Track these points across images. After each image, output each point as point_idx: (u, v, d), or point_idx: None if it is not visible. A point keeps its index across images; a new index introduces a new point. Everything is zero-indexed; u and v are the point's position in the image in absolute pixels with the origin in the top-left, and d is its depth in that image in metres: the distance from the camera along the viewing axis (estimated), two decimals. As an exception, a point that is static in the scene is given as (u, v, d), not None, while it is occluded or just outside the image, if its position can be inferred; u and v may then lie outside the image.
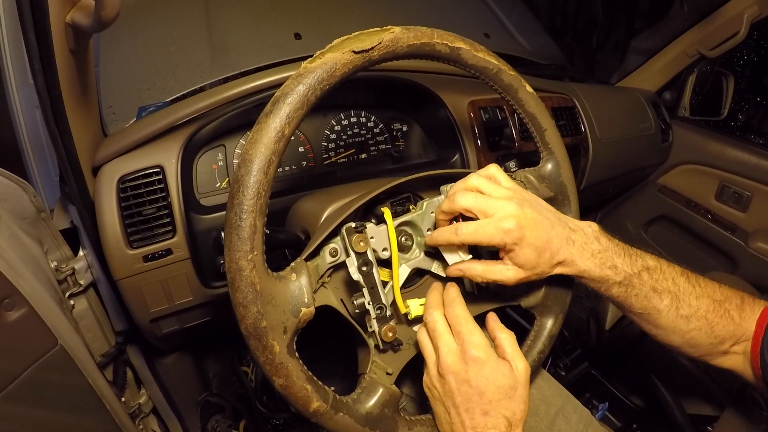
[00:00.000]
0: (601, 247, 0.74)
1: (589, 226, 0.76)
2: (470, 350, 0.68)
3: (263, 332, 0.59)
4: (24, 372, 0.81)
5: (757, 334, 0.78)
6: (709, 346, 0.80)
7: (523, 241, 0.69)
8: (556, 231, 0.71)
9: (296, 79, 0.60)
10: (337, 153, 1.25)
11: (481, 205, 0.71)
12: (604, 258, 0.73)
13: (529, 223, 0.69)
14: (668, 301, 0.76)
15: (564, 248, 0.72)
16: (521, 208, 0.70)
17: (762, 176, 1.92)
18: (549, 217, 0.73)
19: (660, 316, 0.77)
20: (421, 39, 0.68)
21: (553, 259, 0.71)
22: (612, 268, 0.73)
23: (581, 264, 0.73)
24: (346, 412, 0.66)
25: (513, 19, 1.99)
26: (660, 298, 0.76)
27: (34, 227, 1.04)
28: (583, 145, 1.66)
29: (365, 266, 0.68)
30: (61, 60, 0.78)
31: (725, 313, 0.78)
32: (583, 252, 0.73)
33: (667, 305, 0.76)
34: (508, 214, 0.69)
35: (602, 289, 0.76)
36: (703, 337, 0.78)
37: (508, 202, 0.70)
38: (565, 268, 0.73)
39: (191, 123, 1.01)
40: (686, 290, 0.77)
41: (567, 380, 1.55)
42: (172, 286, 1.00)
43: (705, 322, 0.77)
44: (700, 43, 1.99)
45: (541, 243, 0.70)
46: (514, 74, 0.79)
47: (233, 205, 0.57)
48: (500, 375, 0.67)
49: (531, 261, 0.70)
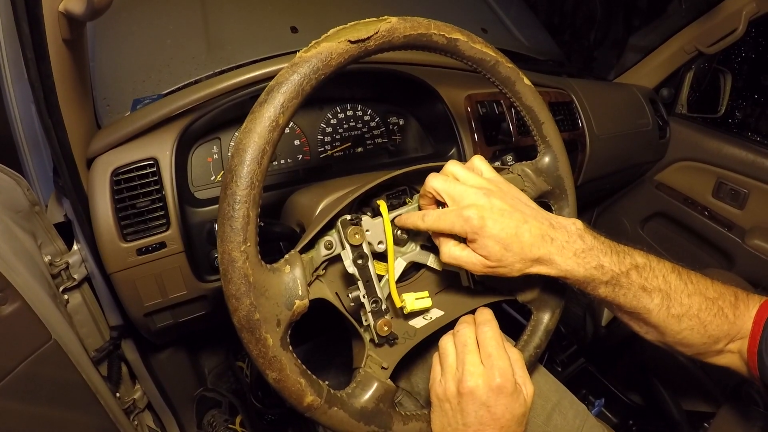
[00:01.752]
0: (585, 246, 0.71)
1: (573, 223, 0.73)
2: (497, 377, 0.67)
3: (256, 325, 0.58)
4: (17, 367, 0.80)
5: (755, 332, 0.75)
6: (702, 345, 0.78)
7: (483, 232, 0.67)
8: (530, 225, 0.69)
9: (291, 68, 0.59)
10: (333, 146, 1.24)
11: (449, 189, 0.70)
12: (588, 257, 0.70)
13: (493, 215, 0.67)
14: (659, 299, 0.73)
15: (539, 245, 0.69)
16: (488, 198, 0.68)
17: (759, 173, 1.93)
18: (523, 210, 0.70)
19: (650, 315, 0.74)
20: (418, 29, 0.67)
21: (524, 254, 0.68)
22: (598, 267, 0.70)
23: (562, 263, 0.70)
24: (340, 406, 0.66)
25: (511, 14, 1.99)
26: (650, 297, 0.73)
27: (28, 221, 1.03)
28: (581, 140, 1.66)
29: (360, 259, 0.68)
30: (54, 50, 0.77)
31: (719, 311, 0.76)
32: (563, 251, 0.70)
33: (657, 304, 0.74)
34: (471, 203, 0.68)
35: (588, 289, 0.73)
36: (696, 336, 0.76)
37: (475, 191, 0.69)
38: (543, 267, 0.70)
39: (186, 115, 1.00)
40: (677, 288, 0.75)
41: (563, 376, 1.55)
42: (166, 280, 1.00)
43: (697, 321, 0.75)
44: (698, 40, 1.99)
45: (506, 236, 0.67)
46: (511, 66, 0.78)
47: (226, 195, 0.57)
48: (518, 404, 0.67)
49: (495, 254, 0.68)
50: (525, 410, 0.68)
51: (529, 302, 0.88)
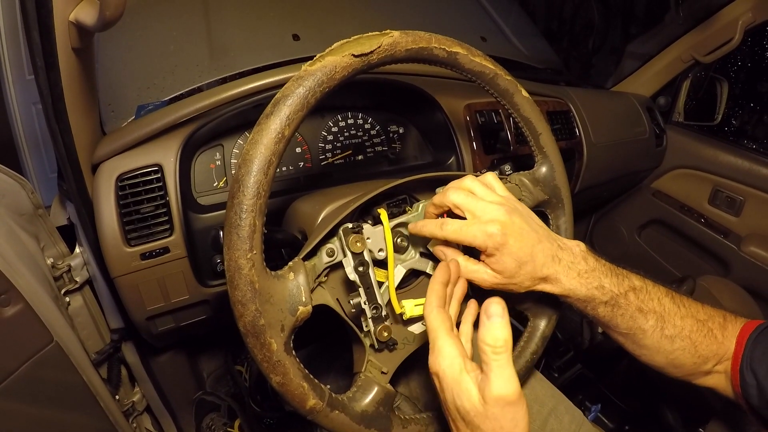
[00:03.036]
0: (588, 267, 0.74)
1: (578, 245, 0.76)
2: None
3: (261, 330, 0.60)
4: (19, 368, 0.81)
5: (737, 352, 0.78)
6: (692, 366, 0.80)
7: (504, 248, 0.69)
8: (543, 246, 0.72)
9: (296, 82, 0.60)
10: (334, 154, 1.26)
11: (471, 204, 0.71)
12: (591, 278, 0.73)
13: (515, 232, 0.70)
14: (653, 321, 0.76)
15: (549, 264, 0.72)
16: (509, 216, 0.70)
17: (755, 181, 1.94)
18: (537, 230, 0.73)
19: (645, 336, 0.77)
20: (419, 43, 0.69)
21: (535, 273, 0.72)
22: (599, 288, 0.73)
23: (566, 283, 0.73)
24: (341, 410, 0.67)
25: (510, 23, 2.00)
26: (645, 318, 0.76)
27: (31, 224, 1.04)
28: (578, 148, 1.67)
29: (361, 266, 0.69)
30: (64, 58, 0.78)
31: (708, 332, 0.78)
32: (569, 271, 0.73)
33: (652, 325, 0.76)
34: (494, 218, 0.70)
35: (588, 308, 0.76)
36: (687, 356, 0.78)
37: (497, 207, 0.71)
38: (549, 286, 0.73)
39: (190, 123, 1.01)
40: (671, 310, 0.77)
41: (560, 382, 1.56)
42: (168, 284, 1.01)
43: (689, 341, 0.77)
44: (695, 49, 2.01)
45: (523, 254, 0.70)
46: (510, 79, 0.80)
47: (233, 204, 0.58)
48: (525, 419, 0.64)
49: (509, 270, 0.71)
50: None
51: (526, 309, 0.89)
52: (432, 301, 0.68)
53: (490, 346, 0.56)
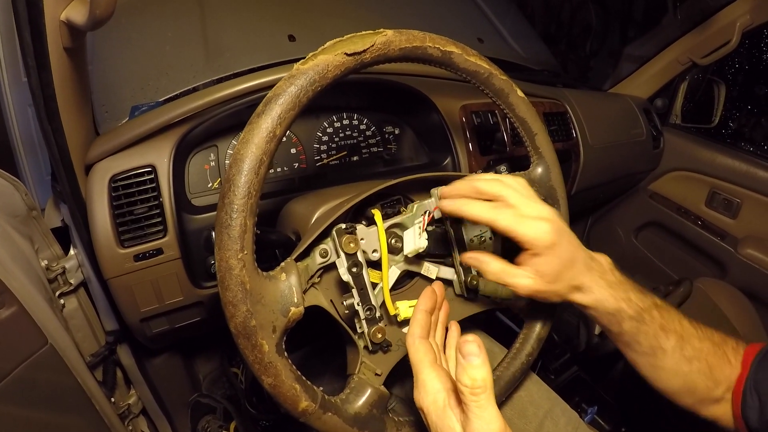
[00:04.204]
0: (615, 279, 0.73)
1: (605, 258, 0.75)
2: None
3: (252, 331, 0.59)
4: (13, 371, 0.81)
5: (741, 375, 0.77)
6: (705, 390, 0.78)
7: (555, 249, 0.67)
8: (580, 253, 0.71)
9: (288, 81, 0.60)
10: (329, 155, 1.25)
11: (515, 198, 0.69)
12: (619, 290, 0.72)
13: (565, 234, 0.69)
14: (674, 341, 0.75)
15: (585, 273, 0.71)
16: (556, 215, 0.69)
17: (752, 183, 1.94)
18: (576, 238, 0.72)
19: (665, 356, 0.76)
20: (413, 42, 0.68)
21: (573, 279, 0.70)
22: (626, 300, 0.72)
23: (598, 293, 0.71)
24: (334, 412, 0.67)
25: (507, 24, 2.00)
26: (667, 338, 0.75)
27: (26, 225, 1.03)
28: (575, 150, 1.67)
29: (355, 267, 0.69)
30: (56, 58, 0.78)
31: (723, 355, 0.77)
32: (600, 281, 0.72)
33: (672, 345, 0.75)
34: (544, 216, 0.68)
35: (613, 324, 0.74)
36: (702, 380, 0.77)
37: (543, 205, 0.70)
38: (580, 295, 0.72)
39: (184, 123, 1.01)
40: (690, 332, 0.77)
41: (556, 384, 1.56)
42: (162, 286, 1.00)
43: (705, 363, 0.76)
44: (692, 51, 2.01)
45: (568, 258, 0.69)
46: (505, 78, 0.80)
47: (224, 204, 0.58)
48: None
49: (554, 273, 0.68)
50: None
51: (521, 311, 0.89)
52: (415, 331, 0.67)
53: (468, 387, 0.54)
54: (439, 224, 0.82)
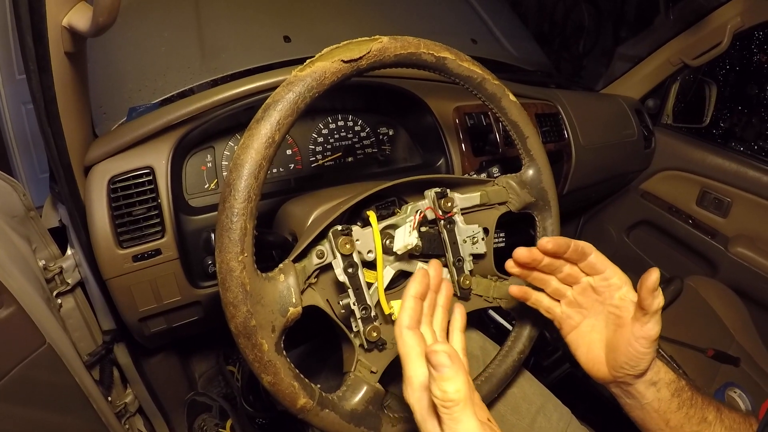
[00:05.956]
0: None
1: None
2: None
3: (252, 331, 0.61)
4: (11, 370, 0.81)
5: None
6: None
7: None
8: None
9: (286, 87, 0.62)
10: (325, 156, 1.27)
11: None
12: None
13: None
14: (714, 411, 0.74)
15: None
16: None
17: (742, 183, 1.96)
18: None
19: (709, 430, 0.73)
20: (408, 49, 0.70)
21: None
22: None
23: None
24: (331, 408, 0.68)
25: (500, 25, 2.01)
26: (709, 407, 0.74)
27: (23, 225, 1.04)
28: (566, 150, 1.69)
29: (351, 268, 0.70)
30: (57, 62, 0.79)
31: (749, 426, 0.75)
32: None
33: (714, 415, 0.74)
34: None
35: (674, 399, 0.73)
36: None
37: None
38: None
39: (181, 125, 1.02)
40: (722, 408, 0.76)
41: (549, 381, 1.57)
42: (160, 286, 1.01)
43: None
44: (684, 52, 2.03)
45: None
46: (497, 83, 0.81)
47: (225, 208, 0.59)
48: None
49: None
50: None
51: (513, 309, 0.91)
52: (402, 320, 0.63)
53: (439, 400, 0.52)
54: (433, 225, 0.84)
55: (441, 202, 0.81)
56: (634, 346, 0.68)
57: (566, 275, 0.76)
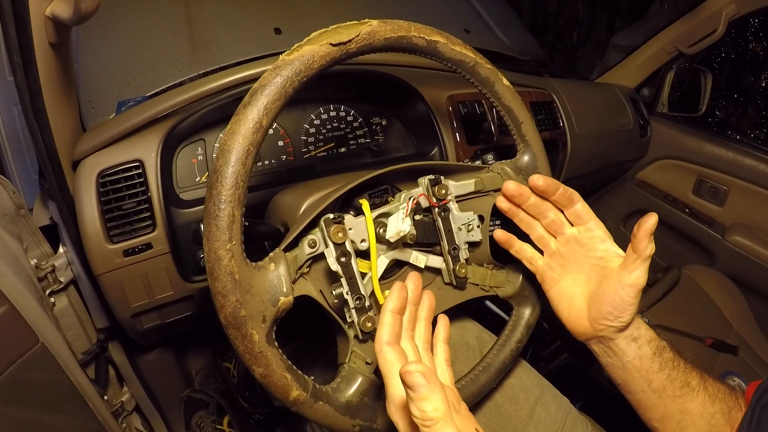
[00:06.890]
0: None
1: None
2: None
3: (242, 321, 0.60)
4: (5, 371, 0.80)
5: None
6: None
7: None
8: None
9: (274, 71, 0.60)
10: (317, 147, 1.25)
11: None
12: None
13: None
14: (698, 378, 0.75)
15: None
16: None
17: (738, 171, 1.97)
18: None
19: (693, 396, 0.74)
20: (398, 32, 0.69)
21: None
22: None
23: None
24: (326, 400, 0.67)
25: (494, 15, 2.01)
26: (692, 374, 0.75)
27: (14, 224, 1.03)
28: (562, 139, 1.68)
29: (344, 257, 0.69)
30: (41, 53, 0.77)
31: (736, 400, 0.76)
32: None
33: (697, 382, 0.74)
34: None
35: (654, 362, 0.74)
36: (722, 423, 0.74)
37: None
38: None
39: (170, 117, 1.00)
40: (706, 373, 0.77)
41: (547, 371, 1.57)
42: (152, 281, 1.00)
43: (725, 404, 0.74)
44: (679, 41, 2.03)
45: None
46: (490, 67, 0.80)
47: (212, 195, 0.58)
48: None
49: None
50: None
51: (510, 298, 0.90)
52: (382, 336, 0.62)
53: (419, 419, 0.51)
54: (427, 213, 0.83)
55: (435, 189, 0.80)
56: (620, 294, 0.71)
57: (551, 221, 0.81)
